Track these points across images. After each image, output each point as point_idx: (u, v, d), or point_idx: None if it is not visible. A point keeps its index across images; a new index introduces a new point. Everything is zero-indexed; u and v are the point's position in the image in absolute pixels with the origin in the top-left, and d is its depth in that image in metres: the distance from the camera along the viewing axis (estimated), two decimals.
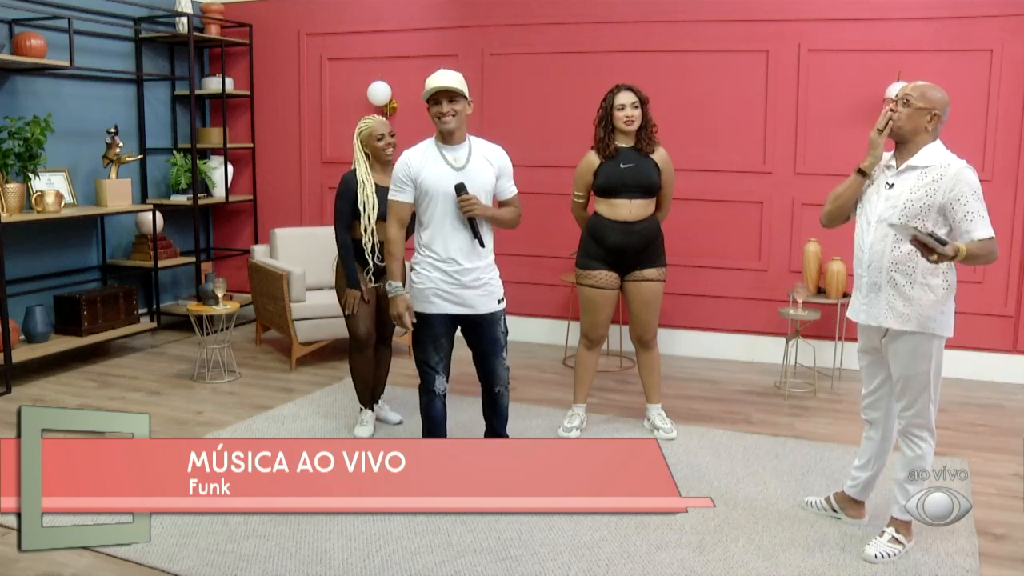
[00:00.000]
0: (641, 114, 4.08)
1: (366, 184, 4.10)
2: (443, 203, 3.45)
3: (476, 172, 3.49)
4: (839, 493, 3.42)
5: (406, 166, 3.49)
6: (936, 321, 2.96)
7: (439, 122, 3.43)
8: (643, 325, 4.26)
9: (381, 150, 4.12)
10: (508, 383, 3.74)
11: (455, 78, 3.43)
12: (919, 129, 2.94)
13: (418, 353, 3.66)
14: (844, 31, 5.37)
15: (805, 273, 5.28)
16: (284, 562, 3.09)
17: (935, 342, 2.99)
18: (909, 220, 2.90)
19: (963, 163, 2.90)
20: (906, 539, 3.11)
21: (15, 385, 5.04)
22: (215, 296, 5.25)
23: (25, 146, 5.13)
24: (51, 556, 3.00)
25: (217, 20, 6.60)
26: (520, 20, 6.02)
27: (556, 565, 3.07)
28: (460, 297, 3.51)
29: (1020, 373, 5.31)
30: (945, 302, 2.97)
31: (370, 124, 4.13)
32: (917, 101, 2.92)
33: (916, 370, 3.00)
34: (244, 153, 6.92)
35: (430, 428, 3.74)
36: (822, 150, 5.48)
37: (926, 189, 2.91)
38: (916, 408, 3.03)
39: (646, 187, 4.10)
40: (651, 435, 4.28)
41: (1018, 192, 5.16)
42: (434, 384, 3.64)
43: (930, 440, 3.07)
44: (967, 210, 2.85)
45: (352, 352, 4.32)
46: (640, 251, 4.14)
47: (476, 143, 3.55)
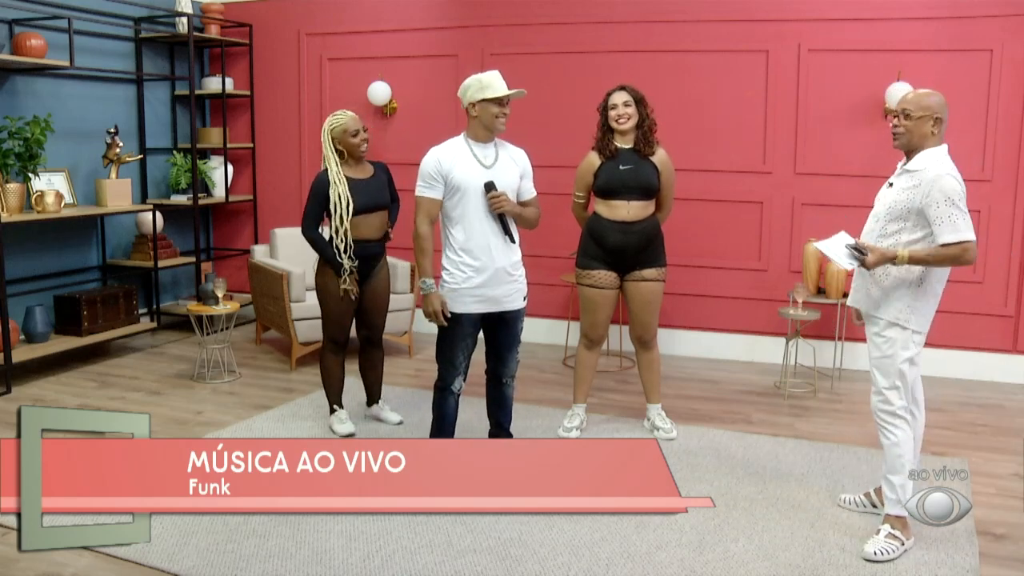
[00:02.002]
0: (636, 112, 4.09)
1: (338, 184, 4.06)
2: (474, 199, 3.53)
3: (503, 171, 3.60)
4: (879, 488, 3.41)
5: (437, 163, 3.57)
6: (902, 313, 3.11)
7: (496, 122, 3.57)
8: (643, 325, 4.26)
9: (356, 146, 4.10)
10: (515, 375, 3.85)
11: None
12: (926, 135, 3.08)
13: (444, 351, 3.70)
14: (844, 31, 5.37)
15: (805, 273, 5.28)
16: (284, 562, 3.09)
17: (901, 333, 3.12)
18: (893, 220, 3.10)
19: (945, 171, 3.02)
20: (903, 535, 3.12)
21: (15, 385, 5.04)
22: (215, 296, 5.25)
23: (25, 146, 5.13)
24: (51, 556, 3.00)
25: (217, 20, 6.60)
26: (520, 20, 6.02)
27: (556, 565, 3.07)
28: (491, 296, 3.60)
29: (1020, 373, 5.31)
30: (917, 297, 3.10)
31: (342, 120, 4.08)
32: (916, 111, 3.06)
33: (880, 353, 3.16)
34: (244, 153, 6.93)
35: (440, 426, 3.76)
36: (822, 150, 5.49)
37: (909, 192, 3.07)
38: (883, 394, 3.17)
39: (645, 188, 4.11)
40: (651, 435, 4.28)
41: (1018, 192, 5.16)
42: (453, 382, 3.70)
43: (903, 427, 3.15)
44: (937, 215, 2.98)
45: (325, 352, 4.32)
46: (639, 251, 4.15)
47: (500, 144, 3.67)
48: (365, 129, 4.15)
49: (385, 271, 4.34)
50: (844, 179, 5.44)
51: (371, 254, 4.20)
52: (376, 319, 4.35)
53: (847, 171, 5.44)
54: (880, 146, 5.34)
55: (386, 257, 4.36)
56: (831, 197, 5.45)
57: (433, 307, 3.56)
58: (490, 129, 3.58)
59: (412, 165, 4.77)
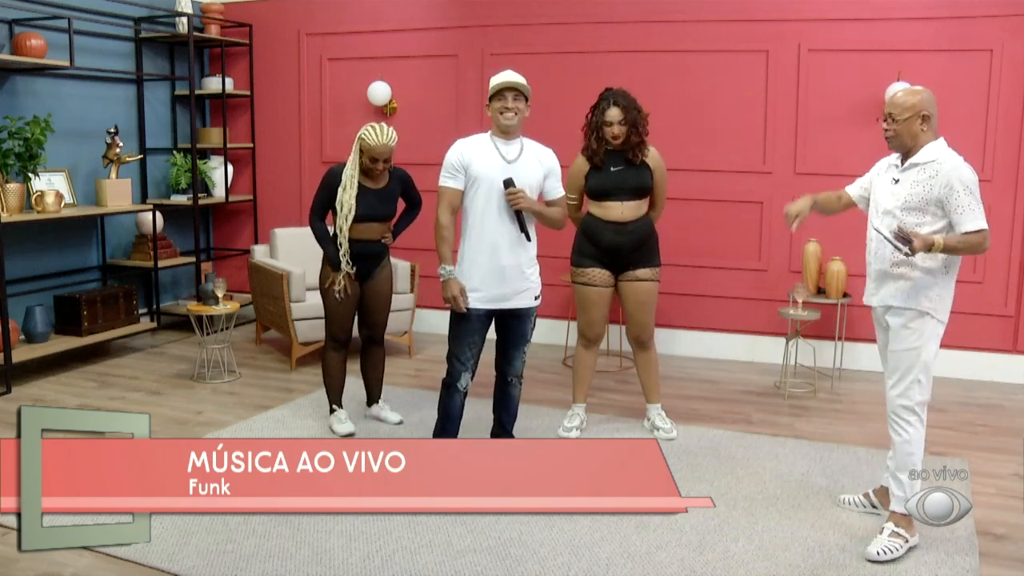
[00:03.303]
0: (627, 127, 4.08)
1: (348, 186, 4.06)
2: (491, 193, 3.56)
3: (525, 168, 3.62)
4: (879, 489, 3.44)
5: (459, 154, 3.61)
6: (931, 301, 3.10)
7: (500, 117, 3.57)
8: (639, 325, 4.27)
9: (371, 170, 4.09)
10: (521, 375, 3.86)
11: (521, 79, 3.59)
12: (916, 133, 3.10)
13: (452, 347, 3.71)
14: (844, 31, 5.37)
15: (805, 273, 5.28)
16: (284, 562, 3.09)
17: (928, 322, 3.10)
18: (909, 213, 3.08)
19: (959, 160, 3.05)
20: (907, 533, 3.11)
21: (15, 385, 5.04)
22: (215, 296, 5.25)
23: (25, 146, 5.13)
24: (51, 556, 3.00)
25: (217, 20, 6.60)
26: (520, 20, 6.02)
27: (556, 565, 3.07)
28: (499, 293, 3.62)
29: (1020, 373, 5.31)
30: (943, 284, 3.10)
31: (372, 143, 3.98)
32: (900, 113, 3.09)
33: (906, 345, 3.13)
34: (244, 153, 6.93)
35: (444, 424, 3.77)
36: (822, 150, 5.49)
37: (924, 184, 3.06)
38: (902, 387, 3.14)
39: (638, 189, 4.14)
40: (651, 435, 4.28)
41: (1018, 192, 5.16)
42: (460, 379, 3.72)
43: (917, 425, 3.13)
44: (958, 203, 2.99)
45: (327, 351, 4.32)
46: (634, 250, 4.16)
47: (528, 143, 3.70)
48: (387, 161, 4.07)
49: (388, 271, 4.34)
50: (844, 179, 5.35)
51: (372, 253, 4.20)
52: (377, 317, 4.35)
53: (847, 171, 5.39)
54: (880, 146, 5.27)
55: (389, 257, 4.35)
56: None
57: (452, 292, 3.58)
58: (498, 125, 3.59)
59: (412, 165, 4.79)
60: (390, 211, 4.21)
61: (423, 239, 4.25)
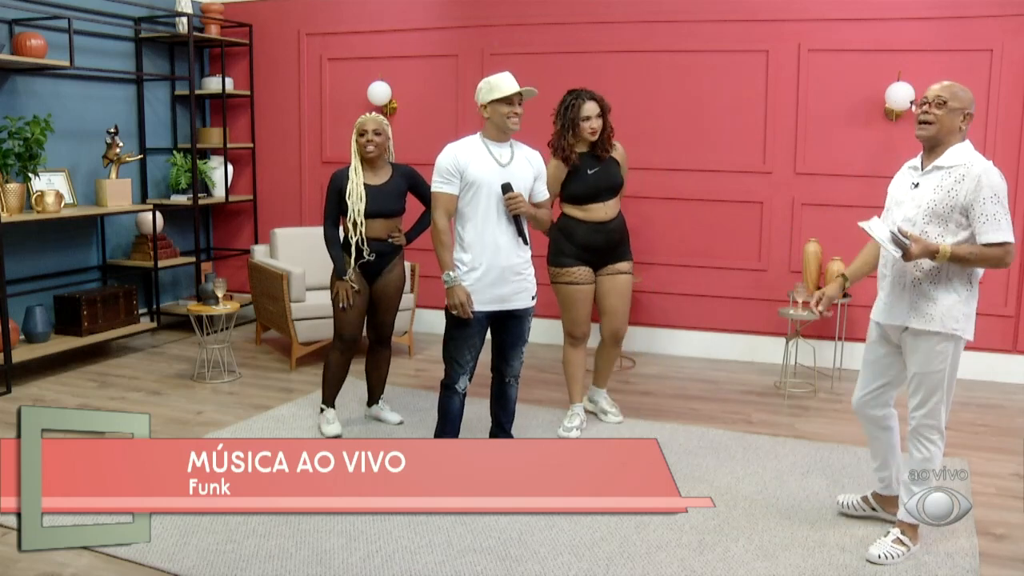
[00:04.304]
0: (603, 120, 4.18)
1: (353, 178, 4.08)
2: (488, 197, 3.56)
3: (518, 171, 3.63)
4: (875, 493, 3.39)
5: (454, 159, 3.59)
6: (958, 322, 2.93)
7: (508, 122, 3.56)
8: (620, 319, 4.39)
9: (361, 146, 4.10)
10: (518, 376, 3.87)
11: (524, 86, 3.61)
12: (954, 130, 2.91)
13: (450, 349, 3.71)
14: (844, 31, 5.37)
15: (805, 273, 5.28)
16: (284, 562, 3.09)
17: (954, 343, 2.95)
18: (932, 222, 2.90)
19: (988, 164, 2.87)
20: (911, 542, 3.10)
21: (15, 385, 5.04)
22: (215, 296, 5.25)
23: (25, 146, 5.13)
24: (51, 556, 3.00)
25: (217, 20, 6.60)
26: (520, 20, 6.02)
27: (556, 565, 3.07)
28: (497, 294, 3.63)
29: (1020, 373, 5.31)
30: (967, 304, 2.94)
31: (360, 119, 4.14)
32: (952, 101, 2.88)
33: (932, 368, 2.97)
34: (244, 153, 6.92)
35: (444, 426, 3.77)
36: (822, 150, 5.48)
37: (949, 189, 2.88)
38: (928, 408, 3.01)
39: (615, 187, 4.28)
40: (600, 418, 4.52)
41: (1018, 192, 5.16)
42: (458, 381, 3.72)
43: (939, 443, 3.04)
44: (982, 211, 2.82)
45: (333, 350, 4.31)
46: (615, 246, 4.29)
47: (516, 145, 3.69)
48: (376, 132, 4.09)
49: (398, 270, 4.30)
50: (844, 179, 5.45)
51: (378, 252, 4.18)
52: (384, 316, 4.33)
53: (847, 171, 5.44)
54: (880, 146, 5.35)
55: (401, 257, 4.33)
56: (831, 197, 5.46)
57: (459, 299, 3.56)
58: (502, 129, 3.59)
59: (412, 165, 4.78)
60: (394, 208, 4.20)
61: (423, 239, 4.24)
